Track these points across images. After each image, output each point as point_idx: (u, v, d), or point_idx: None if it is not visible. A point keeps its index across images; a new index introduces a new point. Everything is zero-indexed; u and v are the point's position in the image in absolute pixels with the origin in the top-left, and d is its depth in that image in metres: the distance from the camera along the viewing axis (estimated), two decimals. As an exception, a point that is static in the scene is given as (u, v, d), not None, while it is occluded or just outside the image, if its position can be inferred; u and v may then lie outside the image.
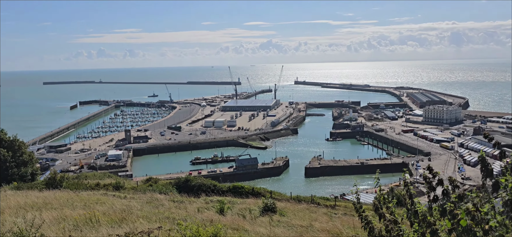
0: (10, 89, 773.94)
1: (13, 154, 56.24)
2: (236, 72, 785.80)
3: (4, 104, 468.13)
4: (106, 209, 21.79)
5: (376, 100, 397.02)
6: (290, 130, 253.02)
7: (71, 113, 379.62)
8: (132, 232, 12.17)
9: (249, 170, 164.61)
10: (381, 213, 7.02)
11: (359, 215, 7.43)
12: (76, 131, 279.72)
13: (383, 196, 7.44)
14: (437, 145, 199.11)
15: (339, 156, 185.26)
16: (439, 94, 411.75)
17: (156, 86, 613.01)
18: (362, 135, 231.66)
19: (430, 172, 6.97)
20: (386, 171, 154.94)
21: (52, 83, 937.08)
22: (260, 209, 26.02)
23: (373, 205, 7.20)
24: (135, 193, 32.90)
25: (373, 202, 7.32)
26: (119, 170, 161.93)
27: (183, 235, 12.61)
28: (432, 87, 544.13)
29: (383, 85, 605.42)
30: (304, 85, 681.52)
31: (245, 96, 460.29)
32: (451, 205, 6.19)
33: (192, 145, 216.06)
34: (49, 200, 25.33)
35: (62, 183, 36.77)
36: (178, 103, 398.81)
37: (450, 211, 6.10)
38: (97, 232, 15.50)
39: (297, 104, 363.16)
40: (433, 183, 6.73)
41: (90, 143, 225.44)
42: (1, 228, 12.48)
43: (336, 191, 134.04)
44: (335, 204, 37.75)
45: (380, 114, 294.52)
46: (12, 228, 13.26)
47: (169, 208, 24.74)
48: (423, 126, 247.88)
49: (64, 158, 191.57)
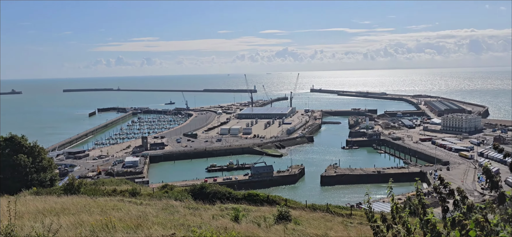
0: (31, 96, 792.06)
1: (33, 160, 57.41)
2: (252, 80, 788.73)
3: (25, 111, 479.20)
4: (122, 215, 22.00)
5: (393, 108, 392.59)
6: (305, 137, 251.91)
7: (89, 120, 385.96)
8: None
9: (264, 178, 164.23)
10: (388, 224, 6.97)
11: (371, 226, 7.38)
12: (94, 137, 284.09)
13: (396, 205, 7.37)
14: (456, 154, 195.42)
15: (355, 165, 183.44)
16: (458, 103, 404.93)
17: (173, 94, 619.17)
18: (379, 143, 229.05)
19: (441, 182, 6.91)
20: (403, 180, 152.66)
21: (71, 90, 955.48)
22: (274, 217, 25.91)
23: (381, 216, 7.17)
24: (151, 200, 33.15)
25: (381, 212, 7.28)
26: (136, 176, 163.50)
27: (197, 242, 12.65)
28: (451, 95, 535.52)
29: (400, 93, 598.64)
30: (320, 93, 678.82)
31: (260, 104, 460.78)
32: (460, 215, 6.11)
33: (208, 152, 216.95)
34: (67, 205, 25.72)
35: (80, 188, 37.32)
36: (194, 111, 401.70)
37: (459, 221, 6.02)
38: (113, 237, 15.65)
39: (313, 112, 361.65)
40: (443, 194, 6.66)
41: (108, 149, 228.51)
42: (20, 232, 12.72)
43: (352, 200, 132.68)
44: (351, 213, 37.33)
45: (397, 123, 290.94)
46: (30, 233, 13.50)
47: (184, 215, 24.85)
48: (442, 134, 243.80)
49: (82, 164, 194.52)
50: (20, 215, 19.46)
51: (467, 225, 5.87)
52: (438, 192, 6.63)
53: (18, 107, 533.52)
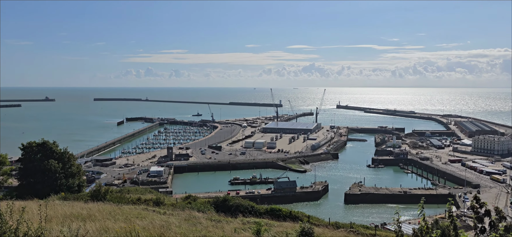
0: (64, 104, 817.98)
1: (63, 166, 59.06)
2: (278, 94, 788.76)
3: (57, 117, 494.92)
4: (146, 223, 22.29)
5: (422, 127, 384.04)
6: (330, 154, 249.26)
7: (118, 129, 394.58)
8: (170, 248, 12.38)
9: (287, 193, 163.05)
10: None
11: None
12: (121, 146, 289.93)
13: (427, 226, 7.16)
14: (487, 177, 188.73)
15: (380, 184, 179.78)
16: (489, 124, 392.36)
17: (199, 106, 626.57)
18: (406, 162, 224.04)
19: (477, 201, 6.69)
20: (430, 202, 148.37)
21: (102, 99, 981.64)
22: (297, 233, 25.63)
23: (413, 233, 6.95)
24: (174, 210, 33.44)
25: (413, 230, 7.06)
26: (160, 186, 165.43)
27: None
28: (483, 116, 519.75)
29: (429, 112, 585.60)
30: (346, 110, 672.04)
31: (286, 119, 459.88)
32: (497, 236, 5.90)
33: (232, 164, 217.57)
34: (93, 211, 26.29)
35: (106, 195, 38.08)
36: (219, 123, 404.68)
37: None
38: (137, 245, 15.87)
39: (338, 128, 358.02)
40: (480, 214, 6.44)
41: (134, 158, 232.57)
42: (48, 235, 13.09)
43: (376, 220, 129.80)
44: (375, 233, 36.52)
45: (426, 142, 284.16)
46: (58, 236, 13.86)
47: (206, 227, 24.94)
48: (472, 156, 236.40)
49: (109, 172, 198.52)
50: (48, 219, 20.01)
51: None
52: (475, 211, 6.42)
53: (51, 114, 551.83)
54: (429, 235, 7.15)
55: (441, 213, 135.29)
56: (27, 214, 12.14)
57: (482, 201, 6.60)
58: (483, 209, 6.51)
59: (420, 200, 8.17)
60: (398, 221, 7.87)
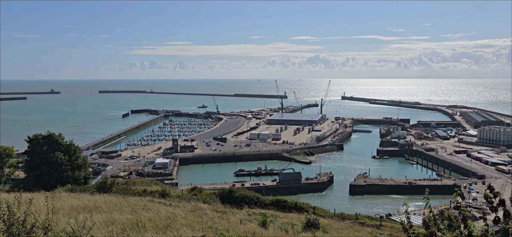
0: (69, 96, 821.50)
1: (69, 158, 59.41)
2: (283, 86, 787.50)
3: (63, 110, 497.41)
4: (152, 215, 22.40)
5: (427, 118, 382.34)
6: (335, 145, 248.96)
7: (123, 121, 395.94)
8: (176, 239, 12.42)
9: (292, 184, 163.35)
10: (432, 232, 6.66)
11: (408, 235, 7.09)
12: (127, 138, 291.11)
13: (434, 216, 7.09)
14: (493, 168, 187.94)
15: (385, 175, 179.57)
16: (495, 115, 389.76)
17: (204, 98, 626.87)
18: (411, 153, 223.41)
19: (491, 191, 6.56)
20: (436, 193, 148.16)
21: (107, 92, 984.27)
22: (302, 224, 25.69)
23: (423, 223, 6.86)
24: (180, 201, 33.59)
25: (423, 219, 6.98)
26: (166, 177, 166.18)
27: (225, 245, 12.70)
28: (488, 106, 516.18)
29: (434, 103, 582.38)
30: (351, 101, 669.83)
31: (290, 110, 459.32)
32: None
33: (237, 156, 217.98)
34: (99, 203, 26.45)
35: (112, 187, 38.30)
36: (224, 115, 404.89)
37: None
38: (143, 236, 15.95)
39: (343, 119, 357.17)
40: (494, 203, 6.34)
41: (139, 150, 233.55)
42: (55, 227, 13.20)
43: (381, 211, 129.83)
44: (381, 224, 36.53)
45: (431, 133, 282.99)
46: (65, 228, 13.95)
47: (212, 218, 25.03)
48: (478, 147, 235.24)
49: (115, 164, 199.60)
50: (55, 210, 20.16)
51: None
52: (489, 201, 6.29)
53: (56, 107, 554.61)
54: (437, 226, 7.06)
55: (446, 204, 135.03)
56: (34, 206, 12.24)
57: (496, 191, 6.45)
58: (497, 199, 6.37)
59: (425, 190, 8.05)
60: (407, 212, 7.77)
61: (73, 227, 11.69)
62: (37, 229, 10.90)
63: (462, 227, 6.54)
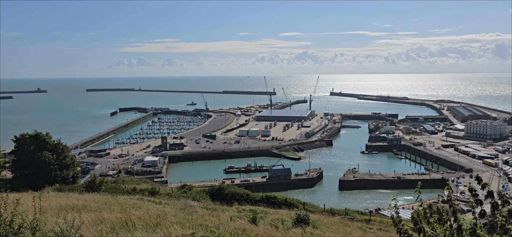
0: (56, 95, 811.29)
1: (57, 157, 58.73)
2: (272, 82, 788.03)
3: (50, 109, 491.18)
4: (142, 213, 22.29)
5: (415, 113, 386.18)
6: (324, 141, 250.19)
7: (111, 119, 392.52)
8: None
9: (282, 181, 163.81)
10: (420, 227, 6.72)
11: (398, 229, 7.15)
12: (115, 136, 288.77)
13: (424, 210, 7.15)
14: (480, 161, 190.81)
15: (374, 170, 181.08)
16: (482, 109, 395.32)
17: (193, 95, 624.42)
18: (399, 148, 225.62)
19: (478, 182, 6.62)
20: (424, 187, 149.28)
21: (94, 90, 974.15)
22: (292, 220, 25.80)
23: (412, 219, 6.92)
24: (169, 199, 33.48)
25: (412, 215, 7.04)
26: (155, 176, 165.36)
27: (216, 242, 12.70)
28: (475, 101, 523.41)
29: (422, 98, 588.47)
30: (340, 97, 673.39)
31: (279, 107, 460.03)
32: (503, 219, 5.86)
33: (226, 153, 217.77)
34: (88, 202, 26.22)
35: (101, 186, 38.00)
36: (213, 112, 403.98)
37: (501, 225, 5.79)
38: (133, 235, 15.87)
39: (332, 115, 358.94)
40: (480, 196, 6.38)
41: (128, 148, 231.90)
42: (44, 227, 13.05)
43: (371, 206, 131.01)
44: (370, 219, 36.88)
45: (419, 128, 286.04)
46: (53, 227, 13.80)
47: (202, 215, 25.00)
48: (465, 141, 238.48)
49: (103, 162, 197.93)
50: (43, 210, 19.94)
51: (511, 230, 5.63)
52: (474, 194, 6.31)
53: (43, 106, 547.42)
54: (426, 219, 7.14)
55: (434, 198, 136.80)
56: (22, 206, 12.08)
57: (484, 182, 6.48)
58: (485, 190, 6.40)
59: (416, 185, 8.11)
60: (396, 206, 7.84)
61: (61, 227, 11.57)
62: (24, 230, 10.77)
63: (452, 220, 6.60)
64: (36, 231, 10.88)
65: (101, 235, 16.12)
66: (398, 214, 7.55)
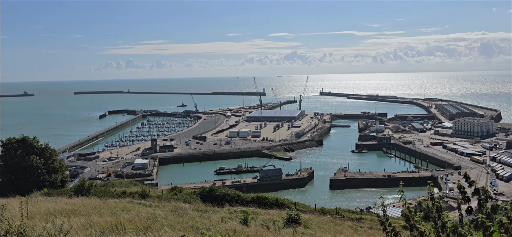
0: (43, 98, 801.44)
1: (44, 161, 57.97)
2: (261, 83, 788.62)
3: (37, 113, 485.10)
4: (132, 216, 22.09)
5: (404, 112, 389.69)
6: (315, 141, 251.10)
7: (100, 122, 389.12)
8: (157, 240, 12.30)
9: (273, 181, 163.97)
10: (412, 224, 6.76)
11: (384, 228, 7.20)
12: (104, 139, 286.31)
13: (409, 209, 7.21)
14: (468, 159, 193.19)
15: (365, 168, 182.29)
16: (469, 106, 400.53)
17: (182, 97, 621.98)
18: (389, 147, 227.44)
19: (466, 180, 6.67)
20: (414, 185, 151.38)
21: (82, 93, 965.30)
22: (284, 220, 25.81)
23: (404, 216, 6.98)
24: (160, 202, 33.26)
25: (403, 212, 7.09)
26: (145, 178, 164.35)
27: (207, 244, 12.64)
28: (462, 99, 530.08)
29: (410, 96, 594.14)
30: (329, 96, 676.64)
31: (269, 107, 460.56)
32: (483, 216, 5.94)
33: (217, 154, 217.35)
34: (77, 206, 25.92)
35: (90, 190, 37.57)
36: (203, 114, 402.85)
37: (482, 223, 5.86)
38: (123, 239, 15.72)
39: (322, 115, 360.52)
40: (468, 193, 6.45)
41: (118, 151, 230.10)
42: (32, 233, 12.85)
43: (362, 204, 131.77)
44: (361, 217, 37.09)
45: (408, 127, 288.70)
46: (41, 233, 13.62)
47: (193, 217, 24.87)
48: (453, 138, 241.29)
49: (93, 166, 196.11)
50: (31, 215, 19.65)
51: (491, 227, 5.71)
52: (462, 191, 6.38)
53: (30, 109, 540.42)
54: (412, 217, 7.19)
55: (423, 195, 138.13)
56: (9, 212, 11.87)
57: (471, 179, 6.56)
58: (472, 188, 6.48)
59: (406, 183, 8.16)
60: (383, 205, 7.89)
61: (49, 232, 11.41)
62: (11, 235, 10.59)
63: (436, 218, 6.65)
64: (23, 236, 10.71)
65: (90, 239, 15.94)
66: (385, 213, 7.60)
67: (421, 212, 7.43)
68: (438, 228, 6.51)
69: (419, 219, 7.14)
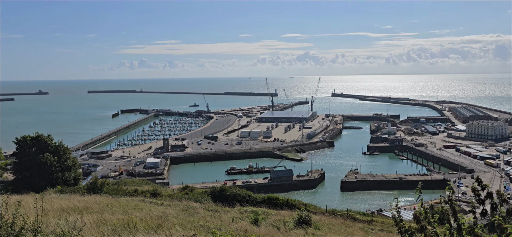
0: (57, 97, 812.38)
1: (58, 159, 58.75)
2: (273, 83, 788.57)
3: (51, 111, 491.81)
4: (144, 215, 22.26)
5: (416, 114, 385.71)
6: (326, 142, 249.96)
7: (113, 121, 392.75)
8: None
9: (283, 182, 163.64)
10: (423, 225, 6.72)
11: (399, 228, 7.15)
12: (117, 138, 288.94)
13: (425, 210, 7.15)
14: (481, 162, 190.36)
15: (376, 170, 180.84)
16: (483, 109, 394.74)
17: (194, 97, 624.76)
18: (401, 149, 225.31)
19: (479, 184, 6.63)
20: (426, 188, 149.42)
21: (96, 92, 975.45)
22: (294, 221, 25.75)
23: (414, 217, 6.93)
24: (171, 201, 33.45)
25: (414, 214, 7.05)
26: (157, 177, 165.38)
27: (218, 243, 12.67)
28: (476, 101, 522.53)
29: (423, 99, 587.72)
30: (341, 98, 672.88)
31: (281, 108, 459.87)
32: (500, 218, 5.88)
33: (228, 154, 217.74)
34: (90, 204, 26.22)
35: (102, 188, 37.98)
36: (215, 114, 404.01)
37: (498, 225, 5.80)
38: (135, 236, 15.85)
39: (334, 116, 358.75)
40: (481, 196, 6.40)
41: (130, 150, 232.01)
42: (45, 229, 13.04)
43: (373, 206, 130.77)
44: (372, 220, 36.82)
45: (420, 129, 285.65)
46: (55, 229, 13.80)
47: (204, 217, 24.96)
48: (466, 141, 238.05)
49: (105, 164, 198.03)
50: (45, 212, 19.93)
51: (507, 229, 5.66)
52: (477, 194, 6.34)
53: (45, 107, 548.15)
54: (427, 219, 7.13)
55: (436, 199, 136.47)
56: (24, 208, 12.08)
57: (484, 183, 6.51)
58: (485, 191, 6.43)
59: (416, 185, 8.11)
60: (397, 206, 7.82)
61: (63, 229, 11.56)
62: (26, 231, 10.75)
63: (452, 220, 6.60)
64: (37, 233, 10.87)
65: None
66: (400, 213, 7.55)
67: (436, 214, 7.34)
68: (454, 230, 6.46)
69: (434, 221, 7.07)
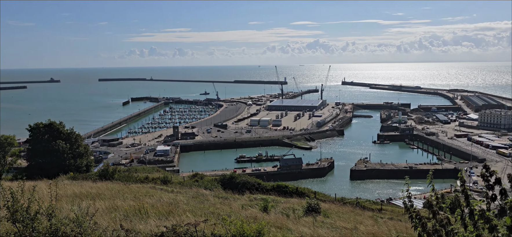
0: (69, 85, 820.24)
1: (70, 146, 59.51)
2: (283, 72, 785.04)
3: (63, 99, 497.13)
4: (154, 201, 22.56)
5: (428, 102, 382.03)
6: (336, 131, 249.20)
7: (123, 109, 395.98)
8: (179, 224, 12.53)
9: (293, 170, 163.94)
10: (435, 210, 6.78)
11: (410, 214, 7.20)
12: (127, 126, 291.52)
13: (437, 196, 7.19)
14: (493, 152, 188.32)
15: (386, 159, 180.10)
16: (496, 98, 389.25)
17: (204, 85, 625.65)
18: (412, 138, 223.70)
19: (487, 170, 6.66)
20: (436, 177, 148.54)
21: (106, 80, 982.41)
22: (304, 209, 25.86)
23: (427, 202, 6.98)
24: (181, 188, 33.78)
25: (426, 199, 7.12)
26: (167, 165, 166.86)
27: (228, 230, 12.82)
28: (489, 90, 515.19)
29: (435, 87, 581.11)
30: (351, 86, 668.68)
31: (291, 96, 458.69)
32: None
33: (237, 143, 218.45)
34: (102, 190, 26.61)
35: (114, 175, 38.47)
36: (224, 102, 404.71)
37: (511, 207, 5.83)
38: (146, 223, 16.11)
39: (344, 105, 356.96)
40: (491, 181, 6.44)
41: (140, 138, 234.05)
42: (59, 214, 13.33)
43: (382, 195, 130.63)
44: (381, 208, 36.82)
45: (432, 118, 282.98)
46: (69, 214, 14.08)
47: (214, 204, 25.20)
48: (478, 130, 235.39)
49: (116, 152, 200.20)
50: (58, 198, 20.29)
51: None
52: (486, 179, 6.40)
53: (57, 95, 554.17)
54: (439, 205, 7.17)
55: (446, 188, 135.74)
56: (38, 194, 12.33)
57: (492, 170, 6.57)
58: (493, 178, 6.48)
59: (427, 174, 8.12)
60: (408, 191, 7.85)
61: (76, 214, 11.79)
62: (41, 216, 11.00)
63: (464, 206, 6.65)
64: (52, 217, 11.11)
65: (114, 223, 16.38)
66: (410, 198, 7.59)
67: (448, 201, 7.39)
68: (466, 215, 6.53)
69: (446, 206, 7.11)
